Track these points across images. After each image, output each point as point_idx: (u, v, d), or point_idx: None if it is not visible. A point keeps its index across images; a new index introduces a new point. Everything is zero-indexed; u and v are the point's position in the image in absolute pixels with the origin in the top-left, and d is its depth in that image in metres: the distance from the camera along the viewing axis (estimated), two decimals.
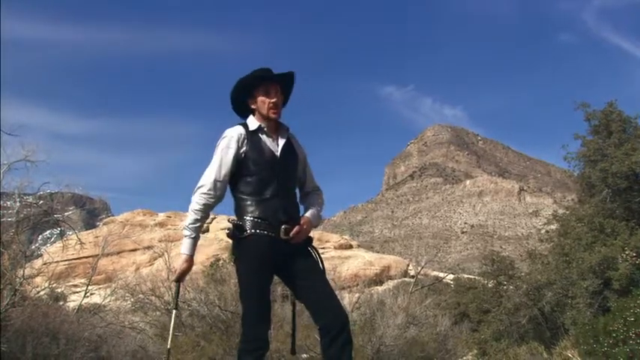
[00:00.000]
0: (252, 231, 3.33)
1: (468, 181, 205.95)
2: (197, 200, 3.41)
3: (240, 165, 3.43)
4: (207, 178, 3.42)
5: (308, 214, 3.57)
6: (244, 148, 3.43)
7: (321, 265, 3.51)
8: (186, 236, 3.45)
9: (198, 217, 3.42)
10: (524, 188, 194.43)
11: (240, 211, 3.43)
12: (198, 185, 3.44)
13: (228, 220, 3.47)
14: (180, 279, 3.54)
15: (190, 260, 3.45)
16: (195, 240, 3.46)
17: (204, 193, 3.40)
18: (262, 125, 3.51)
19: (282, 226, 3.35)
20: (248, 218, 3.36)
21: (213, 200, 3.43)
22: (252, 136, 3.47)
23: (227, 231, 3.43)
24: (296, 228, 3.38)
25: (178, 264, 3.47)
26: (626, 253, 12.70)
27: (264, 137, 3.50)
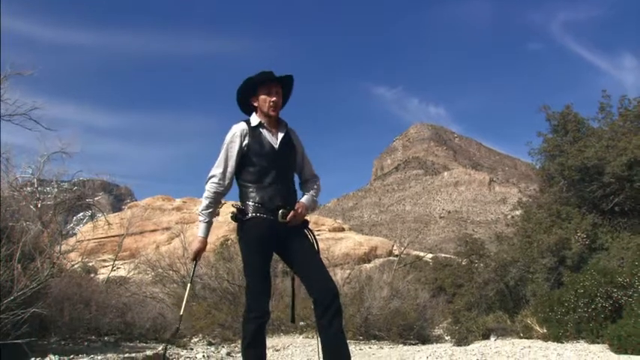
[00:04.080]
0: (254, 214, 3.33)
1: (445, 173, 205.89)
2: (209, 188, 3.43)
3: (243, 156, 3.44)
4: (217, 169, 3.44)
5: (303, 199, 3.55)
6: (246, 142, 3.43)
7: (315, 245, 3.50)
8: (200, 220, 3.46)
9: (211, 203, 3.45)
10: (494, 179, 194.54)
11: (243, 196, 3.43)
12: (210, 175, 3.46)
13: (233, 205, 3.45)
14: (195, 258, 3.54)
15: (204, 242, 3.46)
16: (208, 224, 3.47)
17: (215, 183, 3.43)
18: (263, 121, 3.51)
19: (280, 210, 3.34)
20: (250, 203, 3.36)
21: (222, 189, 3.46)
22: (253, 131, 3.46)
23: (231, 214, 3.41)
24: (292, 212, 3.37)
25: (194, 245, 3.47)
26: (578, 234, 12.80)
27: (264, 132, 3.48)
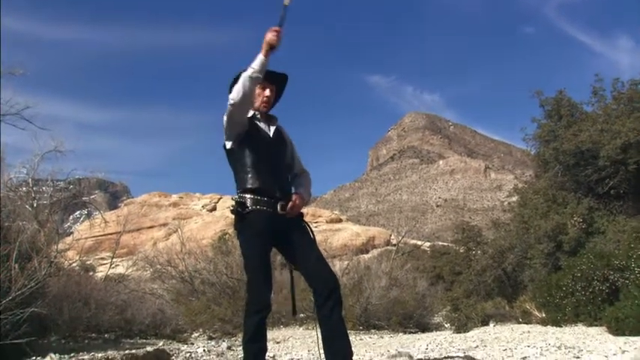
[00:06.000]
0: (253, 207, 3.30)
1: (441, 162, 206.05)
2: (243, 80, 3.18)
3: (241, 142, 3.39)
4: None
5: (299, 192, 3.53)
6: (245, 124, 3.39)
7: (312, 236, 3.48)
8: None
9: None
10: (490, 166, 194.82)
11: (240, 182, 3.38)
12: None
13: (232, 198, 3.40)
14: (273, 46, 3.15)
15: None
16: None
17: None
18: (256, 113, 3.49)
19: (279, 203, 3.32)
20: (248, 196, 3.32)
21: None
22: (250, 119, 3.43)
23: (231, 207, 3.37)
24: (290, 204, 3.36)
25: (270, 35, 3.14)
26: (574, 219, 12.86)
27: (258, 123, 3.48)
